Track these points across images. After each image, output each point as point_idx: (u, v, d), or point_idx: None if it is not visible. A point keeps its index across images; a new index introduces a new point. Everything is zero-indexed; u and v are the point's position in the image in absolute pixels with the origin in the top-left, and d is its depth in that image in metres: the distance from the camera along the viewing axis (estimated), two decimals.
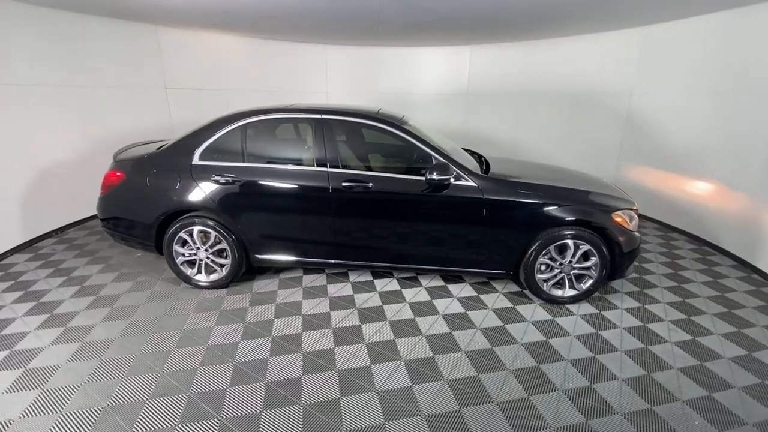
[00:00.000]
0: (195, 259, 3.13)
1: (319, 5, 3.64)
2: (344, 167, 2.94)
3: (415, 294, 3.17)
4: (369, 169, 3.02)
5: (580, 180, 3.29)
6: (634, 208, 3.03)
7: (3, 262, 3.62)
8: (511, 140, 6.67)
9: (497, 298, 3.13)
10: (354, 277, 3.42)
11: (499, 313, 2.94)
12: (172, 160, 3.03)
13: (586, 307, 3.02)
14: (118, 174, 3.08)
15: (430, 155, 2.91)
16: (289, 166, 2.98)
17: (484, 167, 3.30)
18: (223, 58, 5.83)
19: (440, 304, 3.04)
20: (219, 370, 2.29)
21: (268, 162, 3.01)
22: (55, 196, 4.22)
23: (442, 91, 7.02)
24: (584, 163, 5.61)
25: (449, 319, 2.85)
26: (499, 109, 6.64)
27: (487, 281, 3.39)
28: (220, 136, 3.01)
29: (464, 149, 3.94)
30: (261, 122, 3.04)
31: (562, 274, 2.97)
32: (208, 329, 2.67)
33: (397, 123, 3.01)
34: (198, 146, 3.01)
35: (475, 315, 2.90)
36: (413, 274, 3.45)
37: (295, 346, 2.51)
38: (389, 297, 3.11)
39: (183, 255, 3.11)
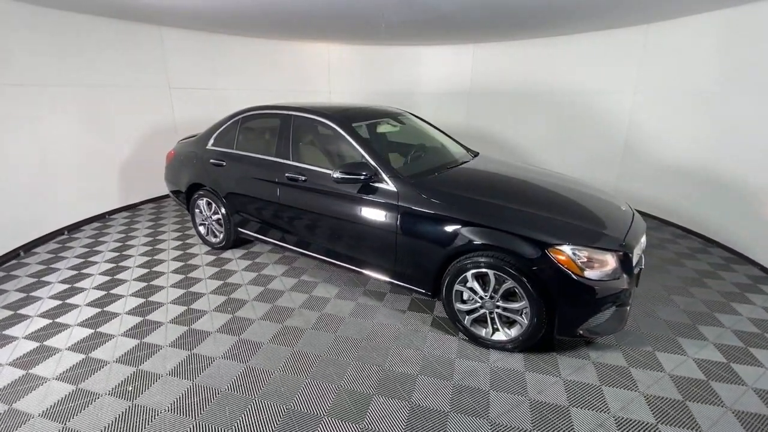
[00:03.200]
0: (206, 223, 3.96)
1: (322, 4, 3.81)
2: (295, 160, 3.16)
3: (345, 293, 3.14)
4: (315, 164, 3.08)
5: (565, 194, 2.66)
6: (612, 249, 2.16)
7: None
8: (512, 139, 6.43)
9: (422, 319, 2.79)
10: (314, 263, 3.62)
11: (405, 334, 2.63)
12: (197, 143, 3.88)
13: (514, 360, 2.37)
14: (172, 152, 4.17)
15: (361, 154, 2.81)
16: (257, 155, 3.38)
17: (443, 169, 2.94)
18: (226, 58, 5.86)
19: (359, 308, 2.92)
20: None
21: (248, 150, 3.48)
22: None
23: (445, 90, 6.86)
24: (585, 162, 5.51)
25: (349, 323, 2.74)
26: (501, 108, 6.42)
27: (434, 300, 3.02)
28: (226, 126, 3.68)
29: (464, 147, 3.58)
30: (250, 116, 3.55)
31: (484, 311, 2.42)
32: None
33: (343, 121, 3.00)
34: (213, 134, 3.77)
35: (377, 328, 2.69)
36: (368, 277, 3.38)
37: (185, 324, 2.97)
38: (320, 289, 3.19)
39: (201, 218, 3.99)
